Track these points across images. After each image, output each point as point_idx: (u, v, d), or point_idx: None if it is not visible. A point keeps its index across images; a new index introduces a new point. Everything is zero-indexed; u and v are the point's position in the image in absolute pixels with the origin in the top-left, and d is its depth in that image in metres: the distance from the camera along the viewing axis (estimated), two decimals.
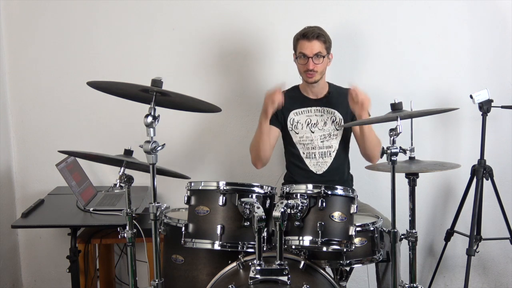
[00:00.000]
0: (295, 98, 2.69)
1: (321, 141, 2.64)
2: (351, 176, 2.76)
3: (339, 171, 2.67)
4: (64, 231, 2.65)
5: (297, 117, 2.67)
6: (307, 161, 2.66)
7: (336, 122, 2.64)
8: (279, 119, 2.67)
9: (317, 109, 2.66)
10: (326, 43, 2.55)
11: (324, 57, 2.53)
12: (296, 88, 2.73)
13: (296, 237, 1.89)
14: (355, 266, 2.10)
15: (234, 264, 1.94)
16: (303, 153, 2.66)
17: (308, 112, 2.66)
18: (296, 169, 2.69)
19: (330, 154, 2.65)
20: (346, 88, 2.69)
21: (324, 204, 1.87)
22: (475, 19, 3.05)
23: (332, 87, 2.71)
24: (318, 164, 2.64)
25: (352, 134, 2.70)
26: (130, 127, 2.87)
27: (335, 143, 2.65)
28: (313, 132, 2.65)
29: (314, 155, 2.65)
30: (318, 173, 2.64)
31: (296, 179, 2.65)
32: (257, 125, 2.71)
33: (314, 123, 2.65)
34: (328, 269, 2.12)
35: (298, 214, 1.87)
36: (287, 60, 2.83)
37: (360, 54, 3.07)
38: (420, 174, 2.17)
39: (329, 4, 3.03)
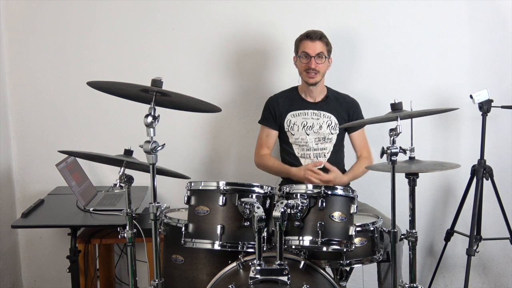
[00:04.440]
0: (293, 99, 2.73)
1: (316, 144, 2.68)
2: None
3: None
4: (64, 231, 2.65)
5: (294, 119, 2.70)
6: (302, 160, 2.69)
7: (332, 126, 2.68)
8: (277, 121, 2.72)
9: (313, 112, 2.69)
10: (327, 46, 2.62)
11: (325, 58, 2.59)
12: (294, 90, 2.76)
13: (296, 237, 1.89)
14: (355, 266, 2.10)
15: (234, 264, 1.94)
16: (298, 153, 2.71)
17: (305, 114, 2.70)
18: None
19: (324, 155, 2.69)
20: (344, 94, 2.77)
21: (324, 204, 1.87)
22: (475, 19, 3.05)
23: (330, 92, 2.75)
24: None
25: (345, 136, 2.77)
26: (130, 127, 2.86)
27: (329, 146, 2.70)
28: (308, 135, 2.68)
29: (309, 155, 2.69)
30: None
31: (293, 181, 2.65)
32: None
33: (310, 126, 2.67)
34: (328, 269, 2.12)
35: (298, 214, 1.87)
36: (287, 60, 2.84)
37: (360, 54, 3.07)
38: (420, 174, 2.16)
39: (329, 5, 3.03)
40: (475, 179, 2.83)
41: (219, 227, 1.87)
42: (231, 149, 3.14)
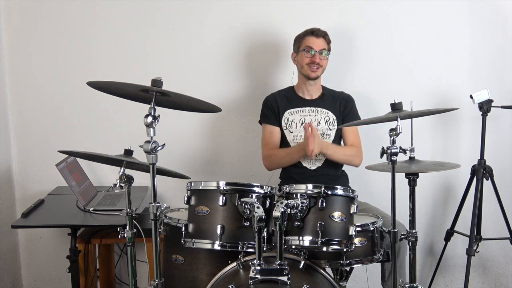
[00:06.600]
0: (290, 98, 2.75)
1: None
2: (345, 173, 2.78)
3: (332, 167, 2.70)
4: (64, 231, 2.65)
5: (292, 117, 2.71)
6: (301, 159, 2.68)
7: (330, 122, 2.70)
8: (278, 118, 2.72)
9: (311, 109, 2.71)
10: (329, 44, 2.68)
11: (327, 55, 2.65)
12: (291, 89, 2.80)
13: (296, 237, 1.89)
14: (355, 266, 2.10)
15: (234, 264, 1.94)
16: None
17: (302, 111, 2.71)
18: (290, 166, 2.70)
19: None
20: (339, 91, 2.78)
21: (324, 204, 1.87)
22: (475, 19, 3.05)
23: (326, 90, 2.78)
24: (312, 161, 2.67)
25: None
26: (130, 127, 2.86)
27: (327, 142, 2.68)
28: None
29: None
30: (311, 168, 2.68)
31: (292, 176, 2.69)
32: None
33: (308, 123, 2.66)
34: (328, 269, 2.12)
35: (298, 214, 1.87)
36: (287, 60, 2.85)
37: (360, 54, 3.07)
38: (420, 174, 2.16)
39: (328, 4, 3.03)
40: (475, 179, 2.83)
41: (219, 227, 1.87)
42: (231, 149, 3.14)
